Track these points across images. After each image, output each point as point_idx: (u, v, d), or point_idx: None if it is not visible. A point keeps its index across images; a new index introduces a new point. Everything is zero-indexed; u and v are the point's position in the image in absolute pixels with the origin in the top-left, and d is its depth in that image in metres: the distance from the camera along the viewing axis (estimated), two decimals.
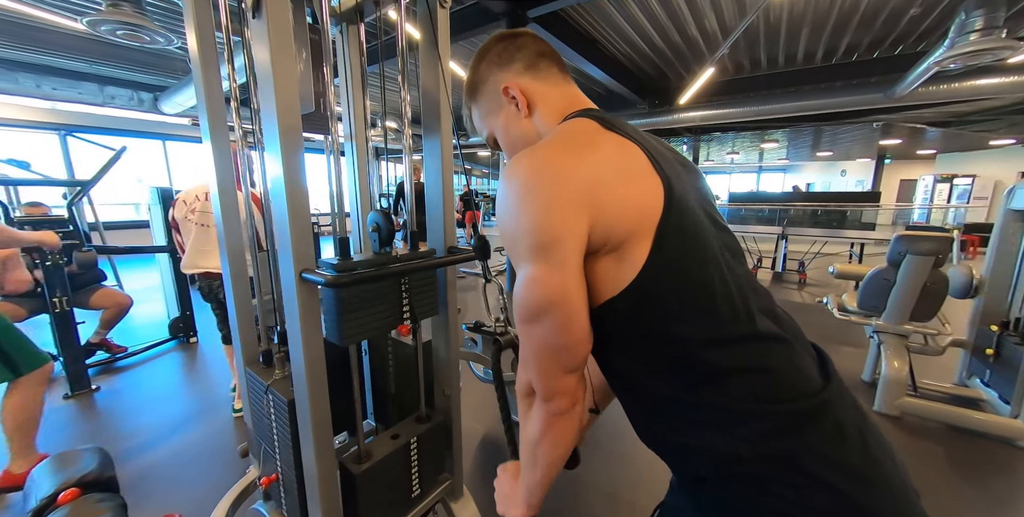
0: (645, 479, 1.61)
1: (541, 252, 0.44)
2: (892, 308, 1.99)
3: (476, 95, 0.64)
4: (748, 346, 0.45)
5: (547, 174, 0.44)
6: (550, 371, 0.48)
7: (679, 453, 0.50)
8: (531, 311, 0.46)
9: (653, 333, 0.46)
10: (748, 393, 0.44)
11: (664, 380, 0.47)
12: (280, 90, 0.68)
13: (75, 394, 2.22)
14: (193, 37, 0.96)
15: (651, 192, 0.44)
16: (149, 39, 2.80)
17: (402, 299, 0.92)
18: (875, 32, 4.56)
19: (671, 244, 0.44)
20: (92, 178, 2.59)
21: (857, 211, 8.26)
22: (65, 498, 0.69)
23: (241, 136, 1.03)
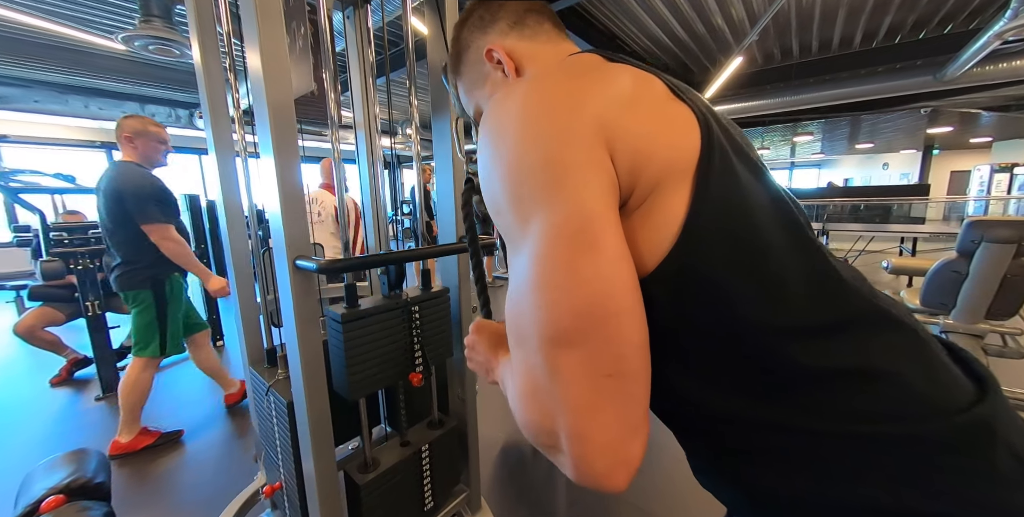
0: (683, 497, 1.46)
1: (558, 191, 0.29)
2: (964, 304, 1.76)
3: (459, 67, 0.54)
4: (854, 336, 0.31)
5: (550, 99, 0.33)
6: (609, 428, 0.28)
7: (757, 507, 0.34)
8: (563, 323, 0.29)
9: (705, 322, 0.32)
10: (862, 407, 0.29)
11: (727, 393, 0.32)
12: (268, 57, 0.62)
13: (106, 395, 2.27)
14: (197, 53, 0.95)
15: (681, 121, 0.33)
16: (179, 53, 2.91)
17: (414, 348, 0.85)
18: (920, 10, 4.23)
19: (720, 184, 0.31)
20: None
21: (903, 206, 7.71)
22: (48, 506, 0.65)
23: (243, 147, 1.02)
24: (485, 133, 0.35)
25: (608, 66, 0.37)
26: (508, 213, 0.32)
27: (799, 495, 0.30)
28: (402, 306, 0.81)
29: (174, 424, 2.00)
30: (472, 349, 0.51)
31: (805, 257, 0.33)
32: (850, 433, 0.29)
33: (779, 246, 0.32)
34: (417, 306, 0.84)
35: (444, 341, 0.93)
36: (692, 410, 0.35)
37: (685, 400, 0.35)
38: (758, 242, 0.32)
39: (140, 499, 1.43)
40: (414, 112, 1.03)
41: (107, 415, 2.12)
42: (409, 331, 0.83)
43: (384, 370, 0.80)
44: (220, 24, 1.00)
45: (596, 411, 0.28)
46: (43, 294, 2.39)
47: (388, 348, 0.80)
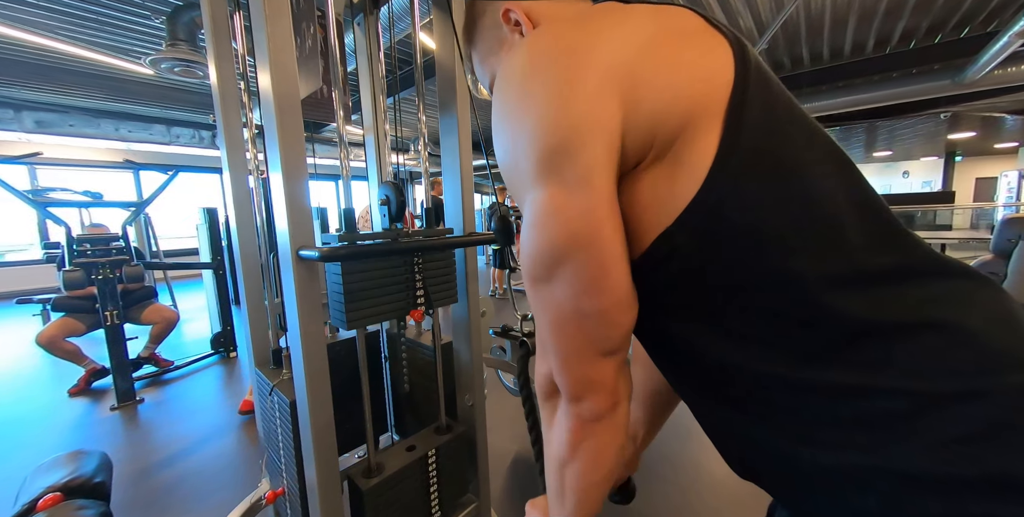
0: (706, 512, 1.36)
1: (554, 164, 0.29)
2: None
3: (473, 35, 0.51)
4: (912, 285, 0.28)
5: (557, 50, 0.31)
6: (578, 354, 0.32)
7: (808, 478, 0.31)
8: (545, 257, 0.31)
9: (737, 277, 0.29)
10: (927, 363, 0.26)
11: (768, 354, 0.29)
12: (274, 48, 0.62)
13: (121, 405, 2.28)
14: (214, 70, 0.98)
15: (713, 53, 0.30)
16: (202, 74, 3.05)
17: (416, 282, 0.82)
18: (934, 14, 4.19)
19: (754, 124, 0.28)
20: (146, 199, 2.79)
21: (928, 213, 7.47)
22: (44, 504, 0.63)
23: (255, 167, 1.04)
24: (496, 96, 0.34)
25: (623, 7, 0.35)
26: (514, 178, 0.33)
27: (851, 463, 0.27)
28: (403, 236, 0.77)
29: (185, 432, 1.99)
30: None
31: (864, 197, 0.30)
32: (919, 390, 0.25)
33: (831, 186, 0.29)
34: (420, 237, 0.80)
35: (448, 282, 0.89)
36: (728, 376, 0.32)
37: (720, 366, 0.32)
38: (805, 179, 0.29)
39: (145, 503, 1.41)
40: (423, 129, 1.03)
41: (121, 425, 2.12)
42: (411, 265, 0.79)
43: (384, 301, 0.76)
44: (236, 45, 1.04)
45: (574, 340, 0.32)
46: (65, 305, 2.45)
47: (388, 279, 0.76)
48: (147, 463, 1.71)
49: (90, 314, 2.55)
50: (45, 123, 5.38)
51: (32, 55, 4.31)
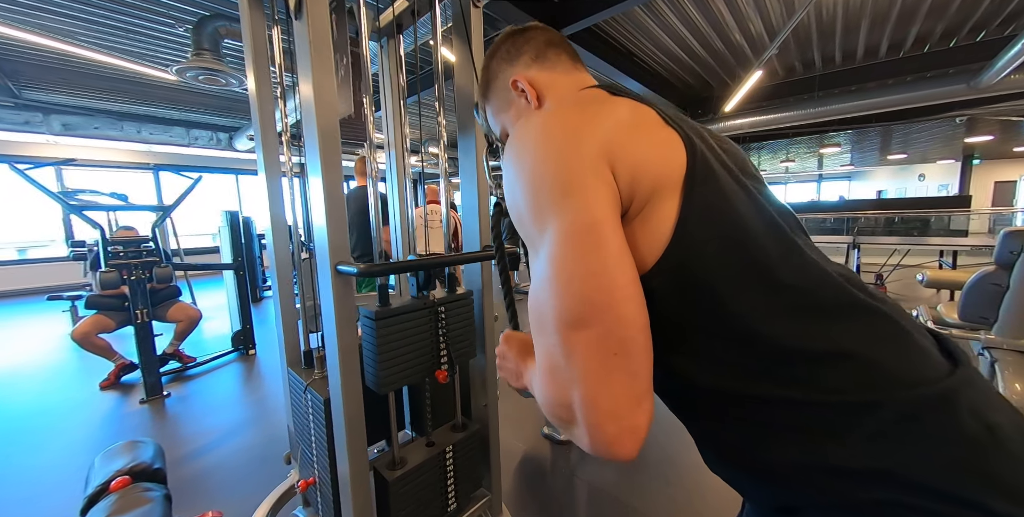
0: (705, 511, 1.42)
1: (569, 198, 0.35)
2: (1007, 318, 1.68)
3: (488, 93, 0.62)
4: (830, 319, 0.35)
5: (563, 127, 0.39)
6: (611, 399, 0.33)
7: (756, 475, 0.38)
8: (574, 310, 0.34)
9: (700, 312, 0.37)
10: (842, 381, 0.34)
11: (729, 375, 0.36)
12: (319, 87, 0.71)
13: (149, 399, 2.40)
14: (252, 80, 1.06)
15: (671, 142, 0.39)
16: (224, 82, 3.18)
17: (440, 347, 0.91)
18: (949, 18, 4.15)
19: (705, 197, 0.37)
20: (172, 203, 2.92)
21: (942, 218, 7.36)
22: (116, 486, 0.72)
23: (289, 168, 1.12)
24: (509, 154, 0.41)
25: (612, 99, 0.44)
26: (528, 220, 0.38)
27: (771, 457, 0.35)
28: (430, 306, 0.86)
29: (210, 426, 2.10)
30: (502, 358, 0.56)
31: (789, 253, 0.37)
32: (834, 403, 0.33)
33: (764, 243, 0.37)
34: (443, 307, 0.89)
35: (468, 341, 0.98)
36: (692, 390, 0.40)
37: (688, 381, 0.39)
38: (743, 240, 0.36)
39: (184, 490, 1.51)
40: (442, 131, 1.11)
41: (150, 417, 2.24)
42: (435, 330, 0.88)
43: (412, 366, 0.85)
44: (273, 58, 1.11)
45: (605, 383, 0.33)
46: (97, 303, 2.59)
47: (416, 345, 0.85)
48: (179, 454, 1.82)
49: (119, 312, 2.68)
50: (71, 126, 5.58)
51: (61, 61, 4.49)
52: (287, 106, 1.11)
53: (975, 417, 0.32)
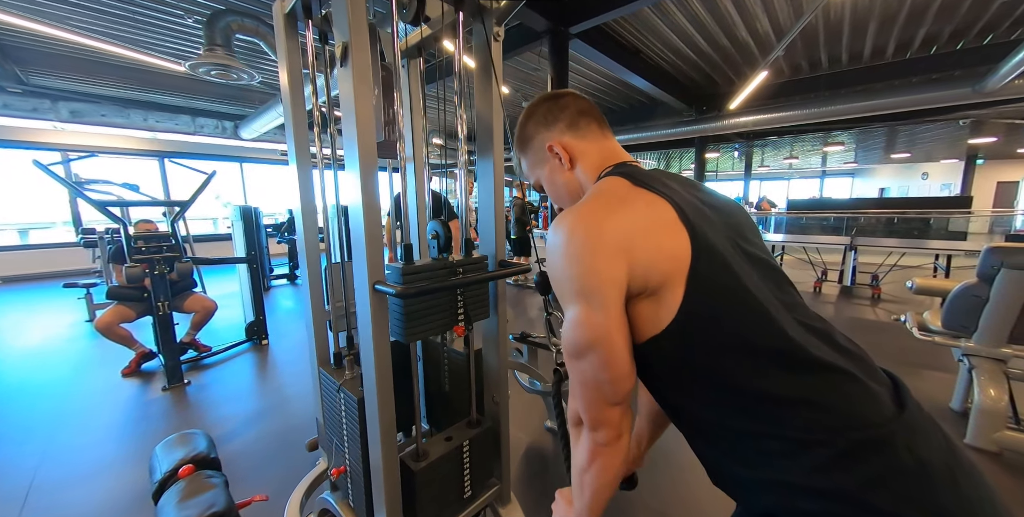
0: (697, 500, 1.55)
1: (585, 296, 0.49)
2: (986, 328, 1.78)
3: (525, 149, 0.72)
4: (801, 378, 0.45)
5: (588, 230, 0.49)
6: (595, 403, 0.51)
7: (745, 487, 0.50)
8: (577, 348, 0.51)
9: (699, 367, 0.48)
10: (806, 423, 0.43)
11: (718, 412, 0.48)
12: (361, 124, 0.79)
13: (171, 387, 2.53)
14: (284, 75, 1.12)
15: (679, 242, 0.48)
16: (236, 77, 3.22)
17: (458, 304, 1.00)
18: (958, 21, 4.16)
19: (703, 287, 0.47)
20: (189, 199, 2.99)
21: (943, 219, 7.41)
22: (184, 473, 0.82)
23: (321, 158, 1.17)
24: (551, 242, 0.53)
25: (632, 195, 0.53)
26: (560, 294, 0.53)
27: (756, 476, 0.47)
28: (449, 266, 0.95)
29: (232, 412, 2.22)
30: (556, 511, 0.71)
31: (768, 324, 0.47)
32: (801, 439, 0.44)
33: (747, 319, 0.47)
34: (461, 268, 0.98)
35: (483, 302, 1.07)
36: (698, 422, 0.52)
37: (694, 415, 0.52)
38: (730, 318, 0.47)
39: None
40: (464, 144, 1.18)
41: (173, 404, 2.36)
42: (454, 293, 0.97)
43: (434, 318, 0.95)
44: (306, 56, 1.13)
45: (593, 395, 0.52)
46: (118, 294, 2.69)
47: (437, 300, 0.94)
48: None
49: (139, 302, 2.78)
50: (79, 113, 5.60)
51: (69, 49, 4.50)
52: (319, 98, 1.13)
53: (908, 452, 0.42)
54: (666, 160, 14.02)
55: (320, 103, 1.13)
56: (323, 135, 1.13)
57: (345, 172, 0.85)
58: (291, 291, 5.52)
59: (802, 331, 0.49)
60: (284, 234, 6.05)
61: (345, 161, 0.84)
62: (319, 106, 1.11)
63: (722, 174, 16.47)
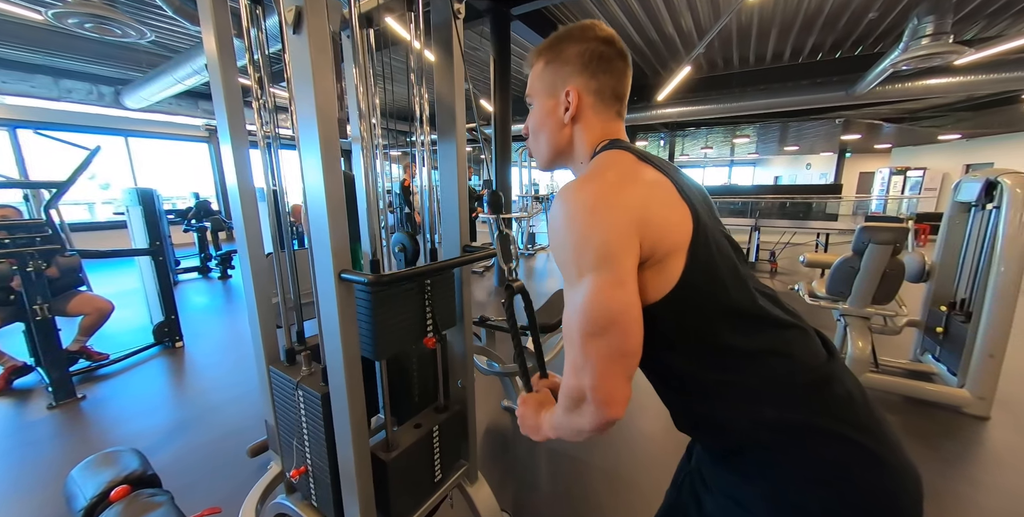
0: (642, 460, 1.72)
1: (605, 267, 0.49)
2: (856, 293, 2.17)
3: (551, 59, 0.63)
4: (769, 334, 0.53)
5: (609, 199, 0.50)
6: (613, 379, 0.51)
7: (716, 427, 0.56)
8: (597, 323, 0.49)
9: (691, 329, 0.53)
10: (774, 371, 0.52)
11: (700, 365, 0.54)
12: (320, 101, 0.72)
13: (60, 404, 2.15)
14: (212, 41, 0.97)
15: (683, 217, 0.53)
16: (120, 32, 2.69)
17: (427, 315, 0.98)
18: (837, 33, 4.83)
19: (701, 257, 0.52)
20: (67, 179, 2.47)
21: (821, 203, 8.75)
22: (117, 495, 0.72)
23: (262, 137, 1.05)
24: (561, 212, 0.52)
25: (640, 169, 0.55)
26: (570, 267, 0.51)
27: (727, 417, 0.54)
28: (418, 276, 0.91)
29: (144, 427, 1.96)
30: (523, 418, 0.69)
31: (741, 287, 0.55)
32: (769, 384, 0.52)
33: (735, 286, 0.54)
34: (429, 279, 0.95)
35: (450, 310, 1.07)
36: (677, 375, 0.58)
37: (669, 367, 0.58)
38: (719, 283, 0.53)
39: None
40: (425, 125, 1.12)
41: (65, 423, 2.01)
42: (423, 299, 0.95)
43: (404, 332, 0.92)
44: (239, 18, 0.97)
45: (613, 371, 0.51)
46: None
47: (407, 313, 0.92)
48: None
49: (4, 306, 2.30)
50: None
51: None
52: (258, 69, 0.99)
53: (841, 386, 0.53)
54: None
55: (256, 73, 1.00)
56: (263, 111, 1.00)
57: (301, 152, 0.77)
58: (204, 286, 4.91)
59: (761, 296, 0.57)
60: (191, 221, 5.31)
61: (301, 140, 0.77)
62: (256, 76, 0.98)
63: None
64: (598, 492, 1.55)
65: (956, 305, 2.20)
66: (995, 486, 1.59)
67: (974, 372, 1.99)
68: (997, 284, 1.86)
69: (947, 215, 2.31)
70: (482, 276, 5.27)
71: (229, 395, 2.27)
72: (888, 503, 0.48)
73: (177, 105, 6.23)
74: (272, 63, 1.04)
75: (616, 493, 1.55)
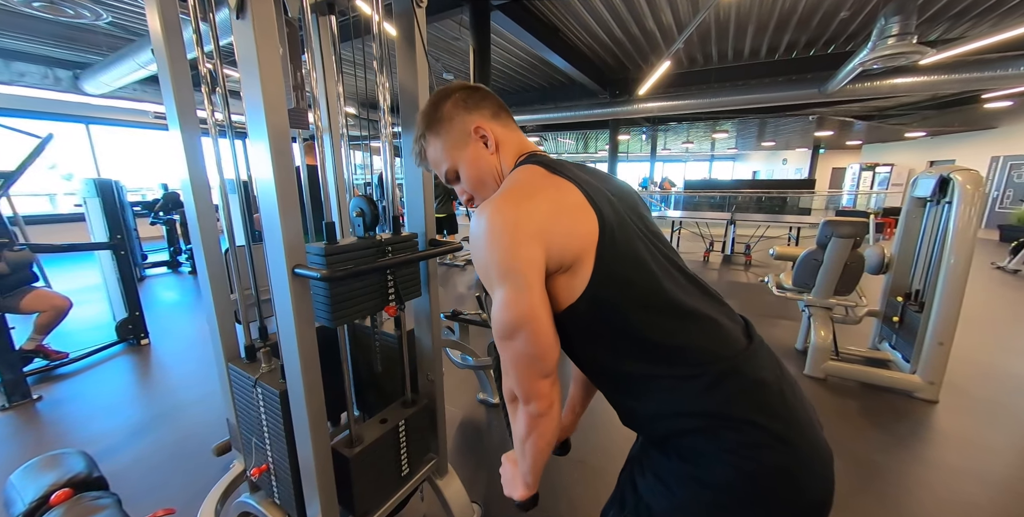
0: (609, 448, 1.76)
1: (510, 279, 0.53)
2: (820, 284, 2.26)
3: (438, 130, 0.70)
4: (681, 327, 0.56)
5: (507, 218, 0.54)
6: (528, 377, 0.56)
7: (645, 419, 0.60)
8: (506, 328, 0.55)
9: (608, 328, 0.56)
10: (685, 362, 0.55)
11: (622, 361, 0.57)
12: (267, 90, 0.69)
13: (13, 405, 2.05)
14: (156, 20, 0.92)
15: (588, 223, 0.55)
16: (73, 13, 2.53)
17: (388, 285, 0.96)
18: (811, 32, 4.93)
19: (608, 259, 0.55)
20: (16, 169, 2.33)
21: (796, 197, 9.01)
22: (58, 498, 0.68)
23: (213, 124, 1.00)
24: (475, 231, 0.56)
25: (546, 182, 0.58)
26: (486, 279, 0.57)
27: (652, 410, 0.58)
28: (377, 245, 0.90)
29: (105, 429, 1.89)
30: (504, 474, 0.73)
31: (657, 286, 0.57)
32: (682, 375, 0.55)
33: (647, 280, 0.56)
34: (390, 247, 0.93)
35: (414, 281, 1.05)
36: (606, 372, 0.61)
37: (602, 366, 0.61)
38: (632, 284, 0.56)
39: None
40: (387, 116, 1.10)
41: (19, 425, 1.93)
42: (384, 273, 0.94)
43: (362, 300, 0.90)
44: None
45: (525, 370, 0.57)
46: None
47: (365, 281, 0.90)
48: None
49: None
50: None
51: None
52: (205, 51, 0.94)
53: (753, 373, 0.56)
54: (584, 140, 14.66)
55: (207, 56, 0.95)
56: (212, 96, 0.96)
57: (250, 141, 0.74)
58: (174, 280, 4.74)
59: (684, 283, 0.60)
60: (159, 214, 5.10)
61: (249, 129, 0.74)
62: (205, 60, 0.93)
63: (632, 155, 17.77)
64: (567, 480, 1.58)
65: (911, 295, 2.31)
66: (942, 463, 1.69)
67: (925, 359, 2.10)
68: (947, 275, 1.96)
69: (905, 209, 2.41)
70: (464, 269, 5.25)
71: (197, 393, 2.21)
72: (789, 480, 0.52)
73: (142, 91, 5.92)
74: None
75: (584, 480, 1.58)
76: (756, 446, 0.52)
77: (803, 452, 0.53)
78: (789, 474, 0.52)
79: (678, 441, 0.56)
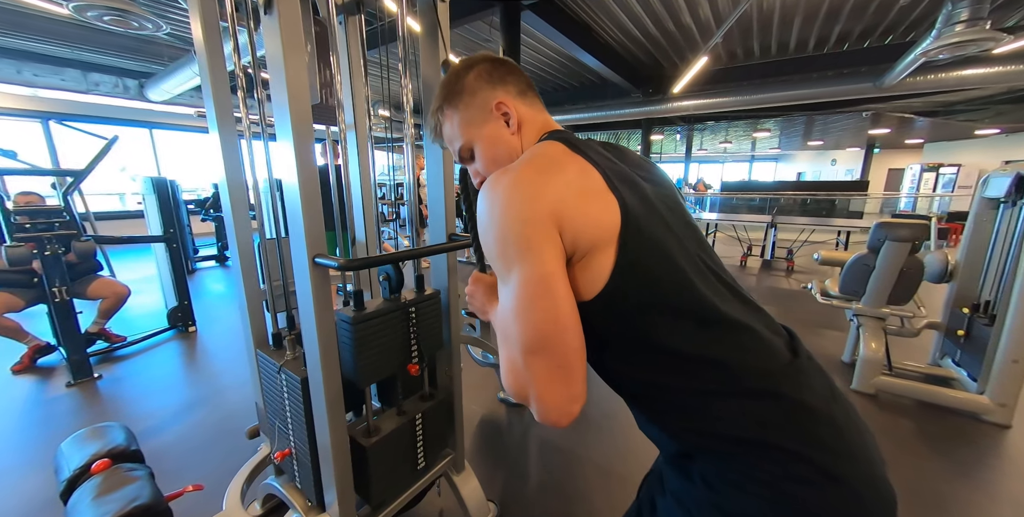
0: (637, 455, 1.70)
1: (528, 256, 0.47)
2: (871, 292, 2.08)
3: (457, 103, 0.64)
4: (715, 337, 0.49)
5: (523, 192, 0.49)
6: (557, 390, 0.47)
7: (664, 433, 0.54)
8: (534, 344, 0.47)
9: (626, 330, 0.50)
10: (717, 376, 0.48)
11: (643, 372, 0.51)
12: (292, 85, 0.71)
13: (78, 382, 2.25)
14: (198, 28, 0.97)
15: (607, 212, 0.49)
16: (137, 25, 2.75)
17: (411, 338, 1.01)
18: (866, 21, 4.59)
19: (632, 253, 0.48)
20: (85, 168, 2.57)
21: (845, 200, 8.40)
22: (98, 468, 0.74)
23: (248, 126, 1.05)
24: (485, 203, 0.51)
25: (567, 160, 0.52)
26: (497, 261, 0.50)
27: (670, 423, 0.52)
28: (401, 308, 0.96)
29: (156, 406, 2.04)
30: (471, 296, 0.69)
31: (685, 288, 0.50)
32: (712, 391, 0.48)
33: (679, 282, 0.49)
34: (414, 307, 0.99)
35: (436, 336, 1.09)
36: (619, 376, 0.55)
37: (615, 371, 0.55)
38: (656, 284, 0.49)
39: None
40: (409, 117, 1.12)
41: (82, 401, 2.11)
42: (407, 328, 0.98)
43: (387, 361, 0.95)
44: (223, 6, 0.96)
45: (550, 387, 0.47)
46: (2, 280, 2.30)
47: (390, 343, 0.94)
48: None
49: (29, 289, 2.41)
50: None
51: None
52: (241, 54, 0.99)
53: (796, 395, 0.48)
54: (615, 140, 14.38)
55: (244, 62, 1.00)
56: (249, 99, 1.01)
57: (276, 131, 0.77)
58: (221, 274, 5.06)
59: (719, 287, 0.53)
60: (209, 211, 5.46)
61: (276, 127, 0.77)
62: (242, 65, 0.98)
63: (666, 156, 17.25)
64: (589, 486, 1.54)
65: (980, 307, 2.09)
66: (1014, 497, 1.51)
67: (996, 378, 1.88)
68: (1023, 285, 1.76)
69: (973, 212, 2.18)
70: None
71: (236, 378, 2.34)
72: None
73: (198, 98, 6.39)
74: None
75: (607, 488, 1.53)
76: (795, 480, 0.44)
77: (856, 493, 0.45)
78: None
79: (703, 461, 0.50)
